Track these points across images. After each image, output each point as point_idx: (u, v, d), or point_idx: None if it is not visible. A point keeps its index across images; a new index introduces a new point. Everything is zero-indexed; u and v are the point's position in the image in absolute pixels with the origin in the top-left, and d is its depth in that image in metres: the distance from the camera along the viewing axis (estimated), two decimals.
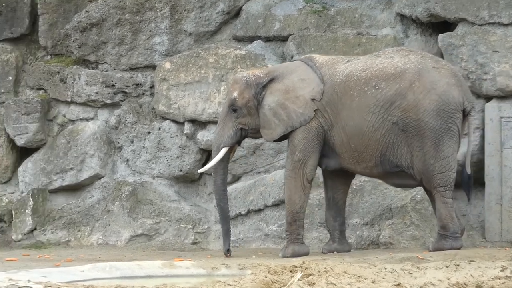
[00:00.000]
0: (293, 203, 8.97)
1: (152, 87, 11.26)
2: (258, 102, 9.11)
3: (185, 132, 11.04)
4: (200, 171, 9.58)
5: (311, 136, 8.86)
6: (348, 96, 8.79)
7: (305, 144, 8.88)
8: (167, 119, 11.13)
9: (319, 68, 8.98)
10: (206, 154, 10.86)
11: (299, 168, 8.89)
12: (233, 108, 9.17)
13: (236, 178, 10.87)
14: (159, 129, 11.14)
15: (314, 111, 8.82)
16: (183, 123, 11.14)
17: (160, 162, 11.14)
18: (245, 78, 9.18)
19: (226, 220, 9.44)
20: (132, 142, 11.31)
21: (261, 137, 9.30)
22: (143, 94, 11.33)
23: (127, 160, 11.28)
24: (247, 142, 10.12)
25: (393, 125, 8.63)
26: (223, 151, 9.15)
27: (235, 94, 9.13)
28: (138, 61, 11.26)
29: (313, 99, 8.87)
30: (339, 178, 9.27)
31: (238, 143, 9.31)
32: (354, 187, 10.00)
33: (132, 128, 11.29)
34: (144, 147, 11.23)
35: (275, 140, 9.26)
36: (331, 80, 8.88)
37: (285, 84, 9.06)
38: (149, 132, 11.20)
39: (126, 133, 11.35)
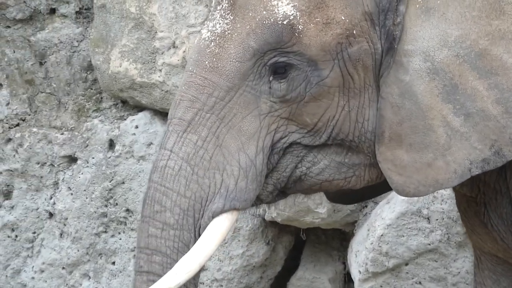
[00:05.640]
0: None
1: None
2: (388, 38, 2.76)
3: None
4: None
5: None
6: None
7: None
8: (143, 108, 5.08)
9: None
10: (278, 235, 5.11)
11: None
12: (273, 59, 2.68)
13: None
14: (110, 147, 5.06)
15: None
16: None
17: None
18: None
19: None
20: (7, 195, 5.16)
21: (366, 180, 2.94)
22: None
23: None
24: None
25: None
26: (220, 224, 2.79)
27: (289, 5, 2.73)
28: None
29: None
30: None
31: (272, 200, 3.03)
32: None
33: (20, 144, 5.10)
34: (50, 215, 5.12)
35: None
36: None
37: None
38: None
39: None
